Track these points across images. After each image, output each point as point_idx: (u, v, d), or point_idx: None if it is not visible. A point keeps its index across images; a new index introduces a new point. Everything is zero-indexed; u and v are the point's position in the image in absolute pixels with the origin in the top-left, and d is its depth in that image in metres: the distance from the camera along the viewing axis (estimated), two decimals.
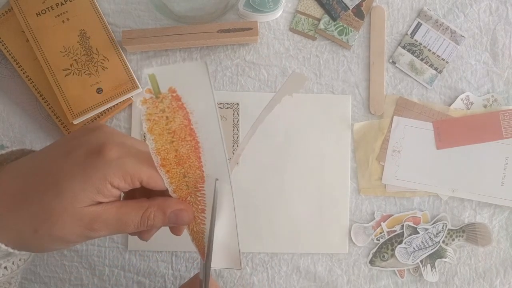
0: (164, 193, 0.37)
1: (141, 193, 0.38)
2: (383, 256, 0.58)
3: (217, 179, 0.36)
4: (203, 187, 0.37)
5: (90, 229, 0.33)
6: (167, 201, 0.36)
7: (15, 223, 0.33)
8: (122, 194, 0.38)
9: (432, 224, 0.58)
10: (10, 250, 0.33)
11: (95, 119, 0.56)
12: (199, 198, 0.38)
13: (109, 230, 0.34)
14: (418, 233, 0.58)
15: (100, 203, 0.34)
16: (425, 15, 0.59)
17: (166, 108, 0.34)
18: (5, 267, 0.35)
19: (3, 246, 0.33)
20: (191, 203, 0.38)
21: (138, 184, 0.34)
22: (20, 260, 0.36)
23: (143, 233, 0.38)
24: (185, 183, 0.37)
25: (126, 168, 0.33)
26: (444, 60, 0.59)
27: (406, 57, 0.59)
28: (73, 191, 0.32)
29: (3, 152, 0.36)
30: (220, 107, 0.58)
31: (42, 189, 0.33)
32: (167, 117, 0.34)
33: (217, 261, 0.41)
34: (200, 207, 0.38)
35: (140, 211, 0.35)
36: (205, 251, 0.39)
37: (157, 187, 0.36)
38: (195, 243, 0.39)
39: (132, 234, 0.38)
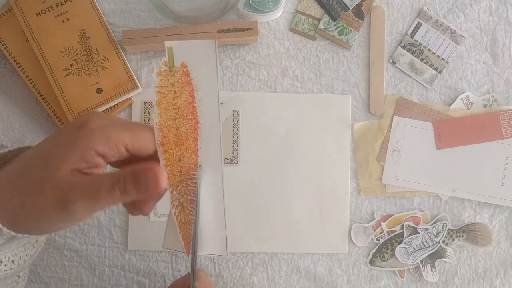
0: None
1: None
2: (383, 256, 0.58)
3: (200, 165, 0.38)
4: (195, 175, 0.39)
5: (66, 200, 0.33)
6: (138, 164, 0.36)
7: (6, 200, 0.34)
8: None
9: (432, 224, 0.58)
10: (13, 233, 0.34)
11: None
12: (189, 188, 0.39)
13: (84, 198, 0.33)
14: (418, 233, 0.58)
15: (81, 173, 0.34)
16: (425, 15, 0.59)
17: (175, 82, 0.37)
18: (12, 261, 0.36)
19: (5, 229, 0.33)
20: (181, 193, 0.39)
21: (123, 149, 0.35)
22: (26, 255, 0.37)
23: (140, 205, 0.37)
24: (179, 167, 0.38)
25: (109, 134, 0.34)
26: (444, 60, 0.59)
27: (406, 57, 0.59)
28: (57, 159, 0.33)
29: (11, 148, 0.38)
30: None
31: (33, 165, 0.34)
32: (175, 92, 0.37)
33: (204, 248, 0.41)
34: (189, 197, 0.39)
35: (111, 175, 0.34)
36: (191, 243, 0.40)
37: (144, 149, 0.36)
38: (182, 236, 0.40)
39: (133, 211, 0.37)
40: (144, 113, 0.57)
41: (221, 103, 0.57)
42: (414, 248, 0.58)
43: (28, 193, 0.33)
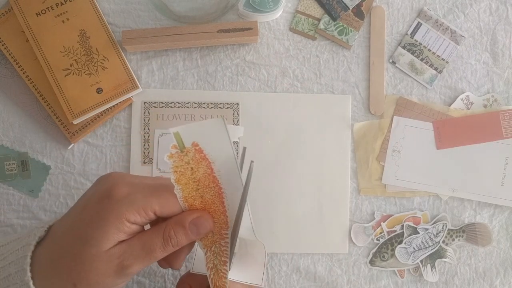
0: None
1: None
2: (383, 256, 0.58)
3: (252, 161, 0.38)
4: (227, 233, 0.39)
5: (122, 267, 0.35)
6: (183, 215, 0.37)
7: (56, 282, 0.35)
8: (148, 226, 0.39)
9: (432, 224, 0.58)
10: None
11: (95, 119, 0.56)
12: (223, 248, 0.39)
13: (139, 261, 0.35)
14: (418, 233, 0.58)
15: (124, 241, 0.35)
16: (425, 15, 0.59)
17: (190, 160, 0.37)
18: None
19: None
20: (215, 254, 0.39)
21: (152, 215, 0.36)
22: None
23: (172, 261, 0.39)
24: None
25: (137, 202, 0.35)
26: (444, 60, 0.59)
27: (406, 57, 0.59)
28: (96, 238, 0.34)
29: (59, 218, 0.39)
30: (220, 107, 0.58)
31: (70, 245, 0.35)
32: (191, 168, 0.37)
33: (238, 273, 0.41)
34: (223, 258, 0.39)
35: (160, 232, 0.36)
36: None
37: (172, 213, 0.37)
38: None
39: (164, 265, 0.39)
40: (144, 113, 0.57)
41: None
42: (414, 248, 0.58)
43: (79, 273, 0.34)
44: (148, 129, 0.57)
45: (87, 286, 0.35)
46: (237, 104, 0.58)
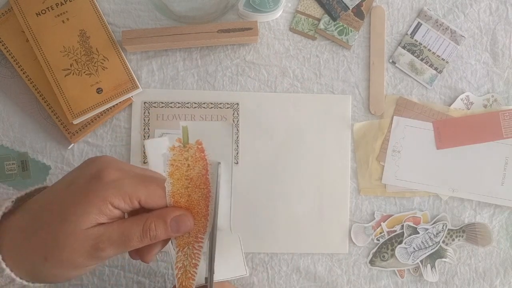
0: None
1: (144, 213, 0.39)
2: (383, 256, 0.58)
3: (219, 163, 0.38)
4: (202, 238, 0.39)
5: (96, 249, 0.34)
6: (166, 210, 0.38)
7: (26, 254, 0.35)
8: (126, 216, 0.39)
9: (432, 224, 0.58)
10: (25, 283, 0.35)
11: (95, 119, 0.56)
12: (195, 251, 0.39)
13: (114, 246, 0.35)
14: (418, 233, 0.58)
15: (103, 224, 0.35)
16: (425, 15, 0.59)
17: (189, 157, 0.38)
18: None
19: (17, 279, 0.34)
20: (186, 255, 0.39)
21: (137, 203, 0.36)
22: None
23: (144, 254, 0.39)
24: None
25: (124, 188, 0.35)
26: (444, 60, 0.59)
27: (406, 57, 0.59)
28: (76, 215, 0.34)
29: (28, 191, 0.39)
30: (220, 107, 0.58)
31: (49, 219, 0.35)
32: (188, 165, 0.38)
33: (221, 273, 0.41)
34: (193, 261, 0.39)
35: (141, 223, 0.36)
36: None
37: (156, 206, 0.37)
38: None
39: (135, 257, 0.39)
40: (144, 113, 0.57)
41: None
42: (414, 248, 0.58)
43: (52, 247, 0.34)
44: (148, 129, 0.57)
45: (58, 262, 0.34)
46: (237, 104, 0.58)
